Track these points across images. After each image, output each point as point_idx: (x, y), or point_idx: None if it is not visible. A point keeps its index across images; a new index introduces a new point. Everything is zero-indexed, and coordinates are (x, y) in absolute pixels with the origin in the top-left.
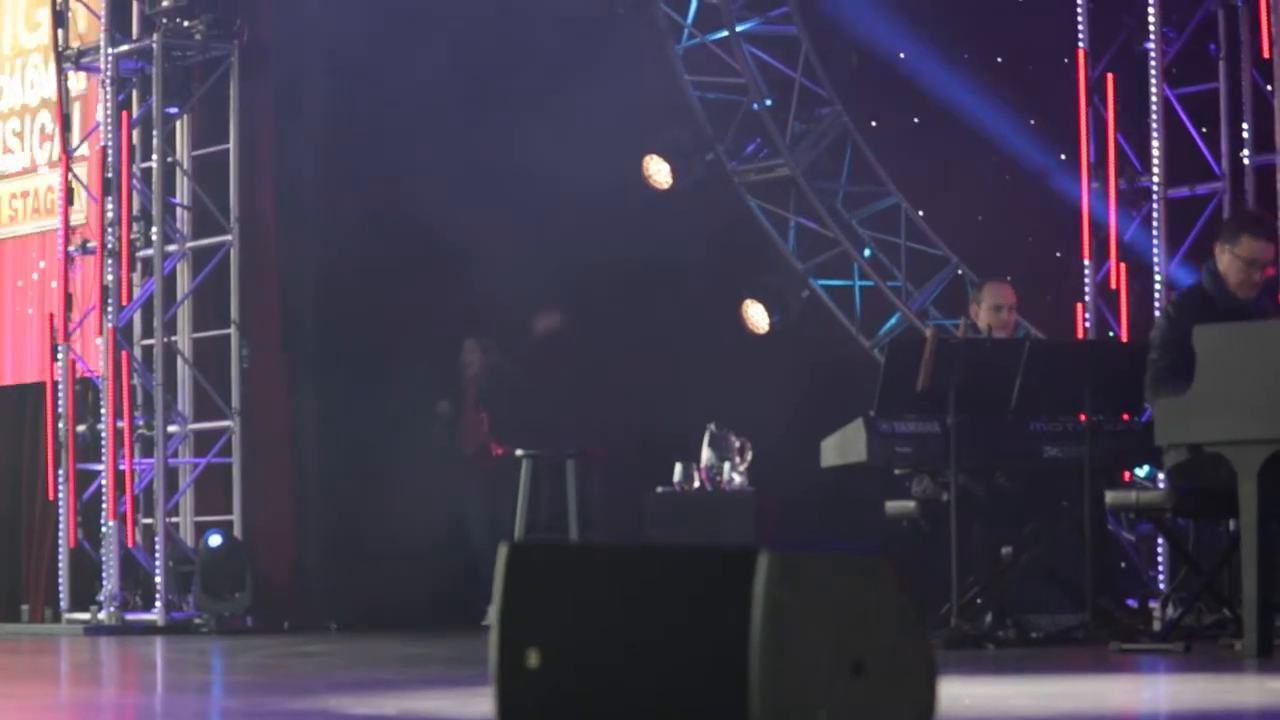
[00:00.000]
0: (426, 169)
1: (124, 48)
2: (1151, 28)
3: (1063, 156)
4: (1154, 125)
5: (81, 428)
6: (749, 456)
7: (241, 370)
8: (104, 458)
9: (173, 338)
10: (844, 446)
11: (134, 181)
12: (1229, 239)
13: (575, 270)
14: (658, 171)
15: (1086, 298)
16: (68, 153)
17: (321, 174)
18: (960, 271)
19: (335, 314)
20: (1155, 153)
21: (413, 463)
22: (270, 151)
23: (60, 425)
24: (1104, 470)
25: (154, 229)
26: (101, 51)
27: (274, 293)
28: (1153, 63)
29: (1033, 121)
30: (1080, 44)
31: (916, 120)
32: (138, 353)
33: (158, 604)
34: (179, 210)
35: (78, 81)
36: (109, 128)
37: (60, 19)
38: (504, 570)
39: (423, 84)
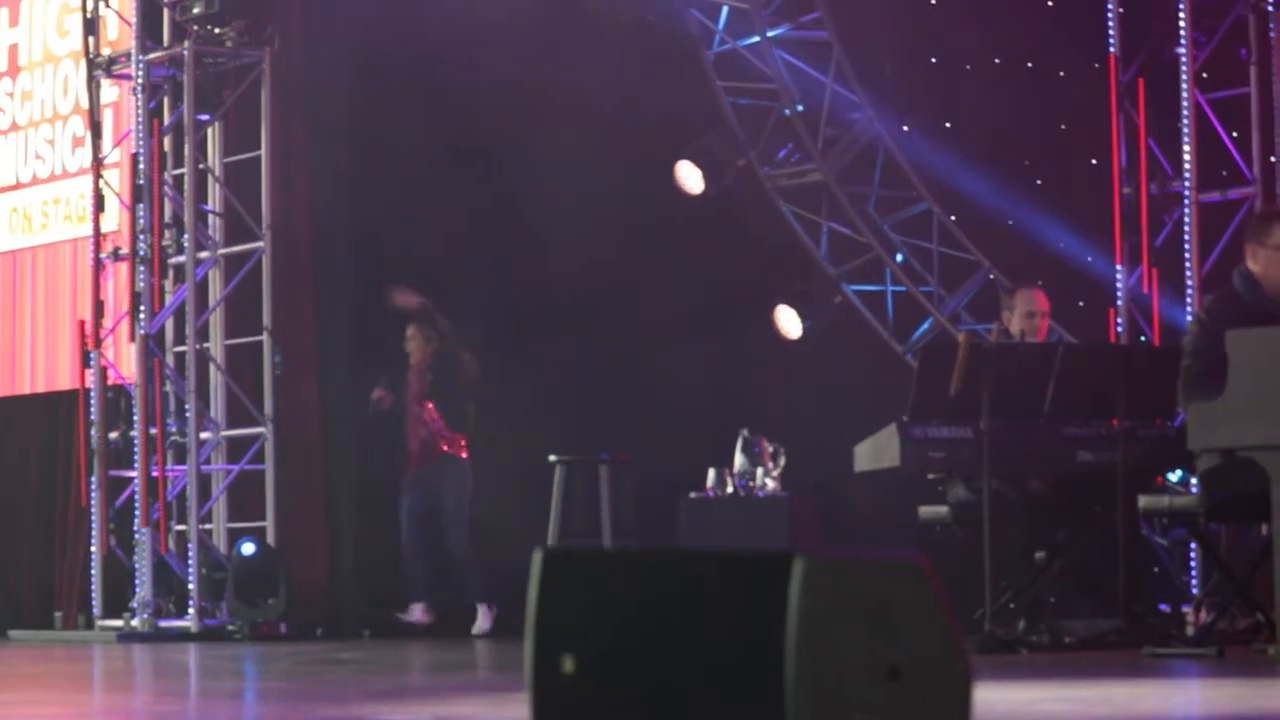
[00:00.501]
0: (461, 174)
1: (155, 55)
2: (1182, 32)
3: (1094, 161)
4: (1185, 130)
5: (114, 435)
6: (782, 462)
7: (274, 377)
8: (136, 465)
9: (205, 344)
10: (877, 452)
11: (165, 188)
12: (1261, 235)
13: (608, 276)
14: (690, 177)
15: (1119, 302)
16: (99, 160)
17: (355, 179)
18: (992, 276)
19: (369, 319)
20: (1186, 158)
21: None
22: (304, 157)
23: (92, 432)
24: (1137, 475)
25: (186, 236)
26: (133, 58)
27: (310, 298)
28: (1184, 67)
29: (1063, 127)
30: (1111, 49)
31: (949, 125)
32: (170, 360)
33: (191, 611)
34: (211, 217)
35: (109, 88)
36: (140, 135)
37: (91, 26)
38: (538, 576)
39: (456, 89)
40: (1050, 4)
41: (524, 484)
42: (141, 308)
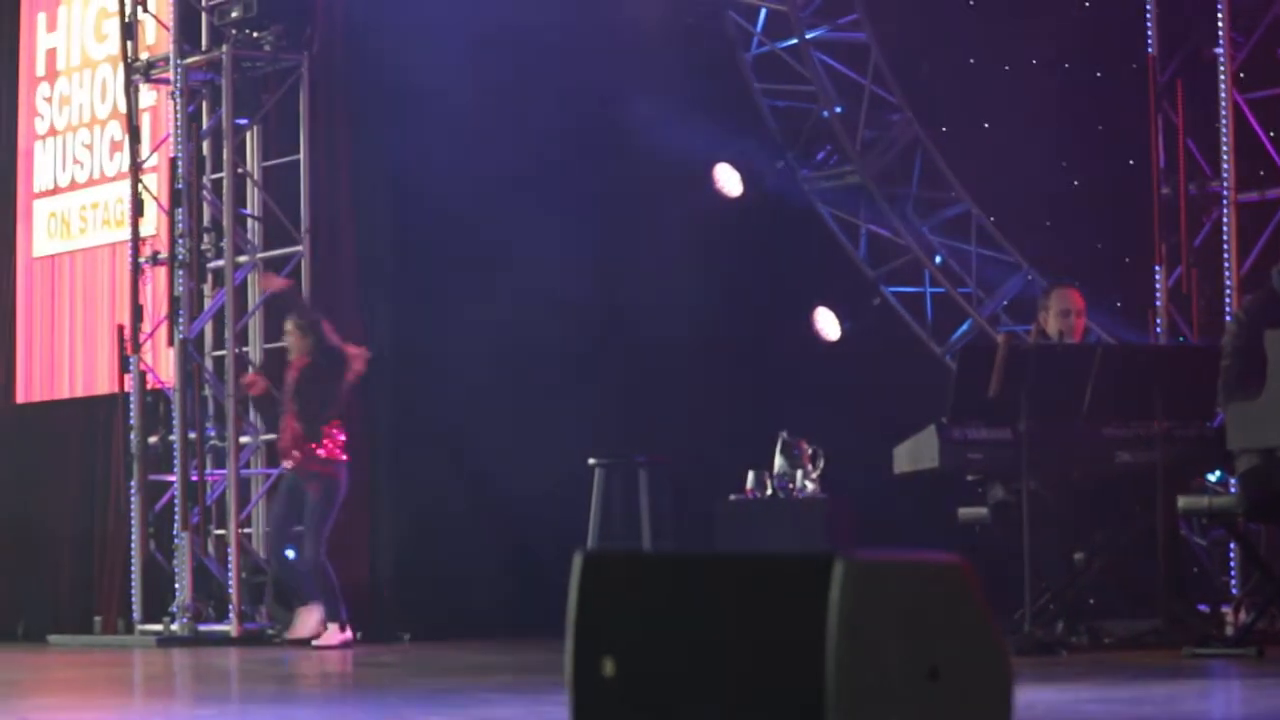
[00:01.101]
0: (501, 177)
1: (193, 59)
2: (1220, 32)
3: (1131, 162)
4: (1223, 130)
5: (153, 439)
6: (821, 464)
7: None
8: (176, 469)
9: (244, 348)
10: (916, 453)
11: (204, 192)
12: None
13: (646, 279)
14: (728, 180)
15: (1158, 303)
16: (137, 164)
17: (397, 180)
18: (1030, 277)
19: (408, 322)
20: (1225, 157)
21: (487, 471)
22: (346, 160)
23: (131, 436)
24: (1176, 475)
25: (224, 240)
26: (171, 63)
27: (351, 301)
28: (1222, 67)
29: (1100, 128)
30: (1149, 49)
31: (987, 125)
32: (209, 364)
33: (231, 615)
34: (249, 221)
35: (147, 93)
36: (179, 139)
37: (129, 31)
38: (578, 579)
39: (495, 92)
40: (1087, 4)
41: (563, 487)
42: (180, 312)
